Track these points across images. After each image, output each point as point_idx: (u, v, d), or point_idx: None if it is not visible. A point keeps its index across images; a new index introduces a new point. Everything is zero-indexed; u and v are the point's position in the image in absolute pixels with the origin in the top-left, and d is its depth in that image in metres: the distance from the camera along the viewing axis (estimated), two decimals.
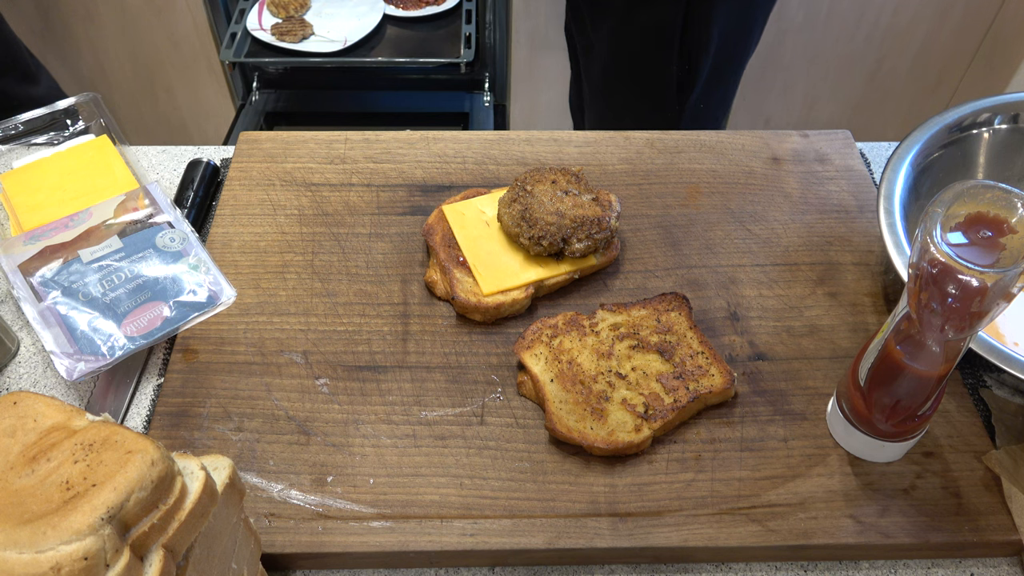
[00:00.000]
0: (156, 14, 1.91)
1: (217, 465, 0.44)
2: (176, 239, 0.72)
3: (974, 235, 0.47)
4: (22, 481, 0.38)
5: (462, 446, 0.61)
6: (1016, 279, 0.44)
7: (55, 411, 0.41)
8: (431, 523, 0.57)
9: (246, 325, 0.68)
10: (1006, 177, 0.74)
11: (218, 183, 0.82)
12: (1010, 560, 0.58)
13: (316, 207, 0.77)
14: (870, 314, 0.69)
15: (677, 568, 0.58)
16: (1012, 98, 0.75)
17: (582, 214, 0.70)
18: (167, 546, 0.39)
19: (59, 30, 1.94)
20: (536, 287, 0.69)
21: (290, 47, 1.74)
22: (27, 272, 0.69)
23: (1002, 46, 1.95)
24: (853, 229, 0.76)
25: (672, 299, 0.67)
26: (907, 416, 0.56)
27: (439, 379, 0.65)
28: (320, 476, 0.59)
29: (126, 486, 0.37)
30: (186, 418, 0.62)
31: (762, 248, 0.74)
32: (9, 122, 0.83)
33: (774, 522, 0.57)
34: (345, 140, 0.83)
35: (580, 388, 0.61)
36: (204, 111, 2.14)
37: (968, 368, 0.66)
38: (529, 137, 0.84)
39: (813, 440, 0.61)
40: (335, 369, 0.65)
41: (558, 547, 0.56)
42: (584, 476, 0.59)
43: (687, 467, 0.60)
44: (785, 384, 0.65)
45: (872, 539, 0.56)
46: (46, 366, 0.68)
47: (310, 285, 0.71)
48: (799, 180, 0.80)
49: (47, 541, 0.35)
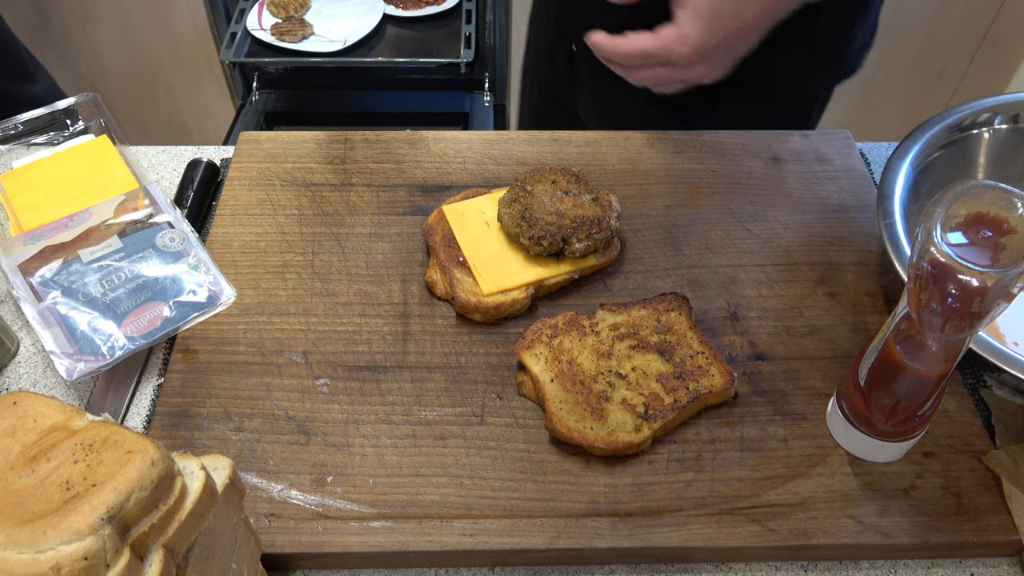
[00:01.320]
0: (156, 14, 1.91)
1: (217, 465, 0.44)
2: (176, 239, 0.72)
3: (974, 235, 0.47)
4: (22, 481, 0.38)
5: (462, 446, 0.61)
6: (1016, 279, 0.44)
7: (55, 411, 0.41)
8: (431, 523, 0.57)
9: (246, 325, 0.68)
10: (1006, 177, 0.74)
11: (218, 183, 0.82)
12: (1010, 560, 0.58)
13: (316, 207, 0.77)
14: (870, 314, 0.69)
15: (677, 568, 0.58)
16: (1012, 98, 0.75)
17: (582, 214, 0.70)
18: (167, 546, 0.39)
19: (58, 29, 1.94)
20: (536, 287, 0.69)
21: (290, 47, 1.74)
22: (27, 272, 0.69)
23: (1002, 46, 1.95)
24: (853, 229, 0.76)
25: (672, 299, 0.67)
26: (907, 416, 0.56)
27: (439, 379, 0.65)
28: (320, 476, 0.59)
29: (126, 486, 0.37)
30: (186, 418, 0.62)
31: (762, 248, 0.74)
32: (9, 122, 0.83)
33: (774, 522, 0.57)
34: (345, 140, 0.83)
35: (580, 388, 0.61)
36: (204, 111, 2.14)
37: (968, 368, 0.66)
38: (529, 137, 0.84)
39: (813, 440, 0.61)
40: (335, 369, 0.65)
41: (558, 547, 0.56)
42: (584, 476, 0.59)
43: (687, 467, 0.60)
44: (785, 384, 0.65)
45: (872, 539, 0.56)
46: (46, 366, 0.68)
47: (310, 285, 0.71)
48: (799, 180, 0.80)
49: (47, 541, 0.35)
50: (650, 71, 0.73)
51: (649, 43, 0.70)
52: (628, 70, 0.74)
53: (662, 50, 0.70)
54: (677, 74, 0.72)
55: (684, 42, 0.69)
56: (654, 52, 0.71)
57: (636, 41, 0.71)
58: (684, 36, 0.69)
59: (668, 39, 0.70)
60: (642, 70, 0.73)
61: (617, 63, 0.74)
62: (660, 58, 0.71)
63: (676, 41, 0.69)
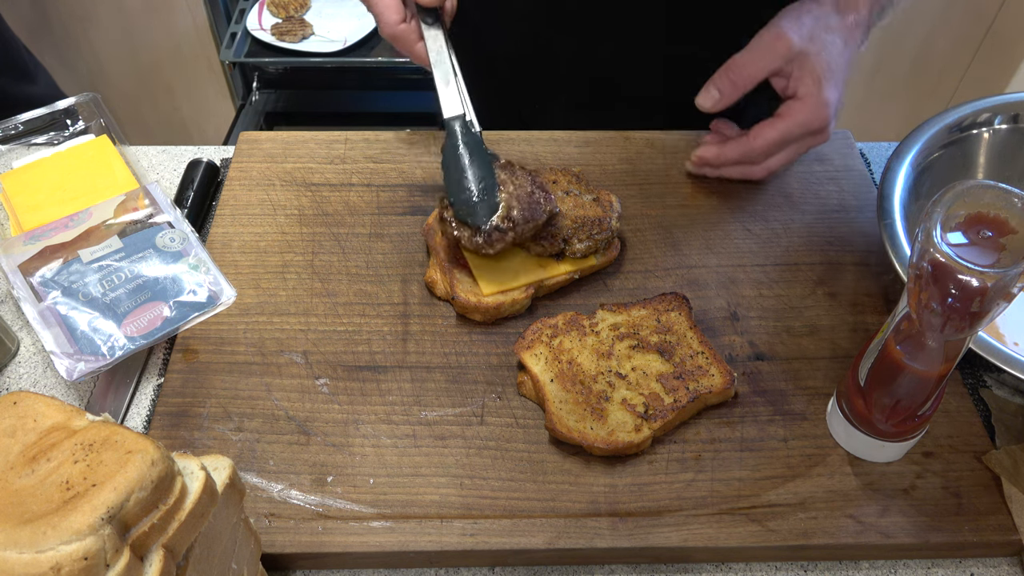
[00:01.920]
0: (156, 14, 1.91)
1: (217, 465, 0.44)
2: (176, 239, 0.72)
3: (974, 235, 0.47)
4: (22, 481, 0.38)
5: (462, 446, 0.61)
6: (1016, 279, 0.44)
7: (55, 411, 0.41)
8: (431, 523, 0.57)
9: (246, 325, 0.68)
10: (1006, 177, 0.74)
11: (218, 183, 0.82)
12: (1010, 560, 0.58)
13: (316, 207, 0.77)
14: (870, 314, 0.69)
15: (677, 568, 0.58)
16: (1012, 98, 0.75)
17: (582, 214, 0.70)
18: (167, 546, 0.39)
19: (58, 30, 1.94)
20: (536, 287, 0.69)
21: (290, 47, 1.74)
22: (27, 272, 0.69)
23: (1002, 46, 1.95)
24: (853, 229, 0.76)
25: (672, 299, 0.67)
26: (907, 416, 0.56)
27: (439, 379, 0.65)
28: (320, 476, 0.59)
29: (126, 486, 0.37)
30: (186, 418, 0.62)
31: (762, 248, 0.74)
32: (9, 122, 0.83)
33: (774, 522, 0.57)
34: (345, 140, 0.83)
35: (580, 388, 0.61)
36: (204, 111, 2.14)
37: (968, 368, 0.66)
38: (529, 137, 0.84)
39: (813, 440, 0.61)
40: (335, 369, 0.65)
41: (558, 547, 0.56)
42: (584, 476, 0.59)
43: (687, 467, 0.60)
44: (785, 384, 0.65)
45: (872, 539, 0.56)
46: (46, 366, 0.68)
47: (310, 285, 0.71)
48: (799, 180, 0.80)
49: (47, 541, 0.35)
50: (785, 154, 0.74)
51: (784, 127, 0.72)
52: (761, 164, 0.75)
53: (802, 127, 0.71)
54: (816, 141, 0.74)
55: (823, 109, 0.70)
56: (796, 132, 0.72)
57: (767, 133, 0.72)
58: (822, 103, 0.70)
59: (803, 113, 0.71)
60: (775, 157, 0.75)
61: (746, 162, 0.76)
62: (800, 135, 0.72)
63: (814, 112, 0.70)
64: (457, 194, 0.67)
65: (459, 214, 0.66)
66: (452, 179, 0.68)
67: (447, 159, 0.70)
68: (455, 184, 0.68)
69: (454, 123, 0.71)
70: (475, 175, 0.68)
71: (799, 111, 0.71)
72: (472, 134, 0.70)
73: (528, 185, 0.67)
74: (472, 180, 0.67)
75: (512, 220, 0.65)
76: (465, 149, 0.70)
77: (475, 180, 0.67)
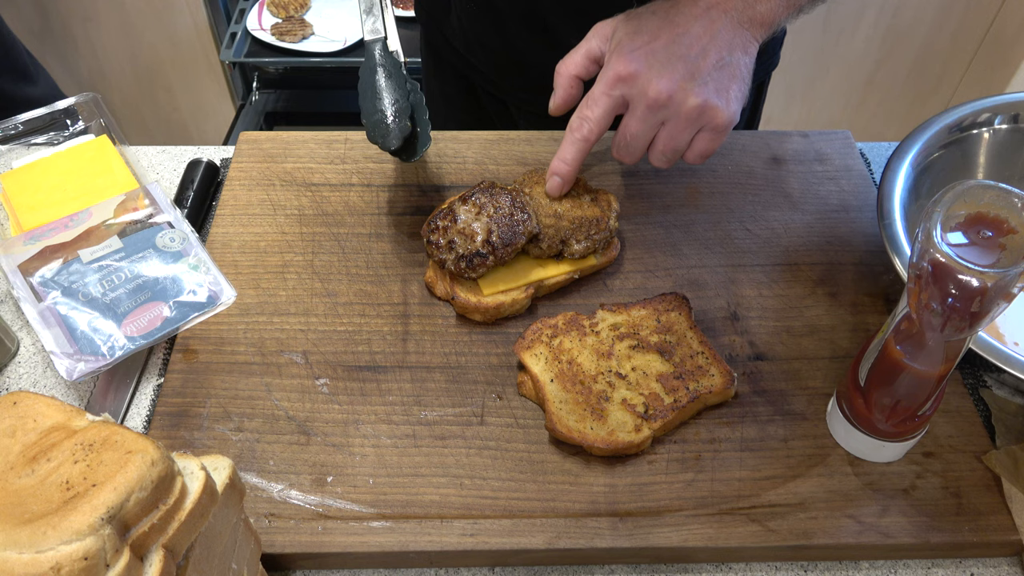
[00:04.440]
0: (156, 14, 1.91)
1: (217, 465, 0.44)
2: (176, 239, 0.72)
3: (974, 235, 0.47)
4: (22, 481, 0.38)
5: (462, 446, 0.61)
6: (1016, 279, 0.44)
7: (55, 411, 0.41)
8: (431, 523, 0.57)
9: (246, 325, 0.68)
10: (1006, 177, 0.74)
11: (218, 183, 0.82)
12: (1010, 560, 0.58)
13: (316, 207, 0.77)
14: (870, 314, 0.69)
15: (677, 568, 0.58)
16: (1012, 98, 0.75)
17: (581, 215, 0.70)
18: (167, 546, 0.39)
19: (58, 30, 1.94)
20: (536, 287, 0.69)
21: (290, 47, 1.74)
22: (27, 272, 0.69)
23: (1002, 46, 1.95)
24: (853, 229, 0.76)
25: (672, 299, 0.67)
26: (907, 416, 0.56)
27: (439, 379, 0.65)
28: (320, 476, 0.59)
29: (126, 486, 0.37)
30: (186, 418, 0.62)
31: (762, 248, 0.74)
32: (9, 122, 0.83)
33: (774, 522, 0.57)
34: (345, 140, 0.83)
35: (580, 388, 0.61)
36: (204, 111, 2.14)
37: (968, 368, 0.67)
38: (529, 137, 0.84)
39: (813, 440, 0.61)
40: (335, 369, 0.65)
41: (558, 547, 0.56)
42: (584, 476, 0.59)
43: (687, 467, 0.60)
44: (785, 384, 0.65)
45: (872, 539, 0.56)
46: (46, 366, 0.68)
47: (310, 285, 0.71)
48: (799, 180, 0.80)
49: (47, 541, 0.35)
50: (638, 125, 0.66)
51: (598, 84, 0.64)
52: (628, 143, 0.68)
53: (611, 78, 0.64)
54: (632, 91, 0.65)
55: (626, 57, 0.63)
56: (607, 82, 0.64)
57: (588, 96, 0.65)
58: (625, 53, 0.63)
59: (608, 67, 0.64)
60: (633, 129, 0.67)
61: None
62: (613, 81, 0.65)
63: (618, 62, 0.64)
64: (370, 115, 0.65)
65: (371, 136, 0.65)
66: (366, 100, 0.66)
67: (363, 81, 0.68)
68: (369, 106, 0.66)
69: (373, 46, 0.69)
70: (389, 98, 0.66)
71: (604, 67, 0.65)
72: (391, 57, 0.68)
73: (507, 207, 0.67)
74: (387, 103, 0.65)
75: (491, 244, 0.65)
76: (382, 72, 0.67)
77: (389, 103, 0.65)
